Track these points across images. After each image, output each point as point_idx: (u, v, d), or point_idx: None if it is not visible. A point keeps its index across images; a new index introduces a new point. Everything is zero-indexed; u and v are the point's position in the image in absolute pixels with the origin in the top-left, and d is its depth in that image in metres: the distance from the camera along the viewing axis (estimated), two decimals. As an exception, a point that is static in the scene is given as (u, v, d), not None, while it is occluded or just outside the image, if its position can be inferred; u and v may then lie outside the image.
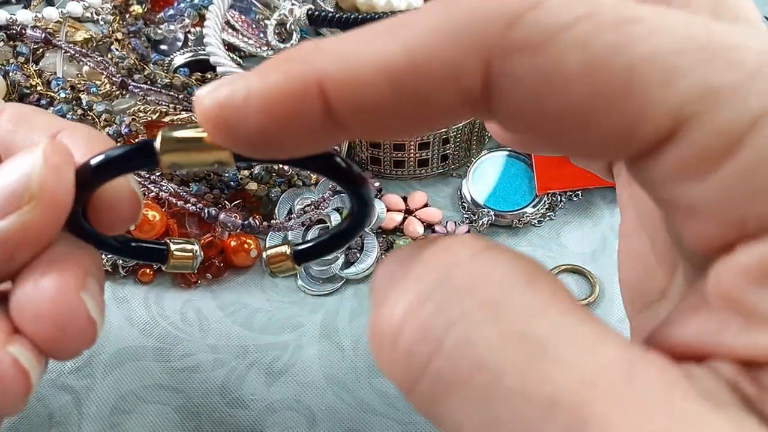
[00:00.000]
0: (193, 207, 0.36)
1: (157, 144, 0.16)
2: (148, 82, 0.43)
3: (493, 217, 0.37)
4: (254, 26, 0.48)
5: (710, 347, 0.12)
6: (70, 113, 0.40)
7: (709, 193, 0.11)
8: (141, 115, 0.40)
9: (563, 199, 0.39)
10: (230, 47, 0.46)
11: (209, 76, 0.45)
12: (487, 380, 0.11)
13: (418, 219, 0.38)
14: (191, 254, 0.24)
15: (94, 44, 0.46)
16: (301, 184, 0.38)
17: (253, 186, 0.37)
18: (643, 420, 0.10)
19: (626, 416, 0.10)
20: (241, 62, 0.46)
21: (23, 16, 0.45)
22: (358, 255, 0.36)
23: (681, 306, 0.13)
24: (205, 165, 0.16)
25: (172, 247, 0.24)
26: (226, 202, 0.37)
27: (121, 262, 0.35)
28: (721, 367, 0.11)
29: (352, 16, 0.44)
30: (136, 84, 0.42)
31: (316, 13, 0.45)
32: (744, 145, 0.11)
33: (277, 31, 0.46)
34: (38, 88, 0.42)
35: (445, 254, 0.13)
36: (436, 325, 0.12)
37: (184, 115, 0.40)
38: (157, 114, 0.40)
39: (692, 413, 0.10)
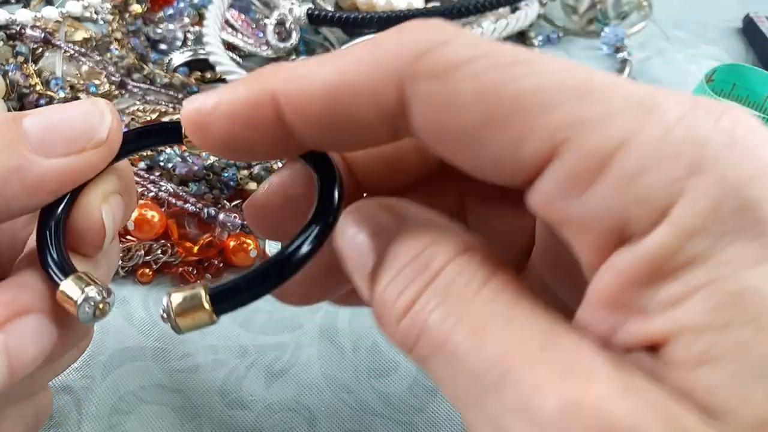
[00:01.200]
0: (193, 207, 0.36)
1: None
2: (148, 82, 0.43)
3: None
4: (254, 25, 0.47)
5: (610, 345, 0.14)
6: (69, 113, 0.40)
7: (586, 207, 0.14)
8: (140, 114, 0.40)
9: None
10: (230, 46, 0.46)
11: (209, 75, 0.45)
12: (449, 351, 0.15)
13: None
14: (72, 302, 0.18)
15: (94, 44, 0.46)
16: (300, 183, 0.38)
17: (252, 186, 0.37)
18: (552, 369, 0.13)
19: (539, 366, 0.14)
20: (241, 61, 0.46)
21: (23, 15, 0.45)
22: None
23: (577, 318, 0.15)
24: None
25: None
26: (226, 202, 0.37)
27: (120, 262, 0.35)
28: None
29: (351, 16, 0.44)
30: (135, 83, 0.42)
31: (316, 12, 0.45)
32: (612, 164, 0.13)
33: (276, 30, 0.46)
34: (37, 87, 0.42)
35: (432, 253, 0.16)
36: (421, 315, 0.15)
37: (183, 114, 0.40)
38: (156, 113, 0.40)
39: (581, 367, 0.13)
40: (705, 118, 0.14)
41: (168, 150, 0.37)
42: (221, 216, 0.35)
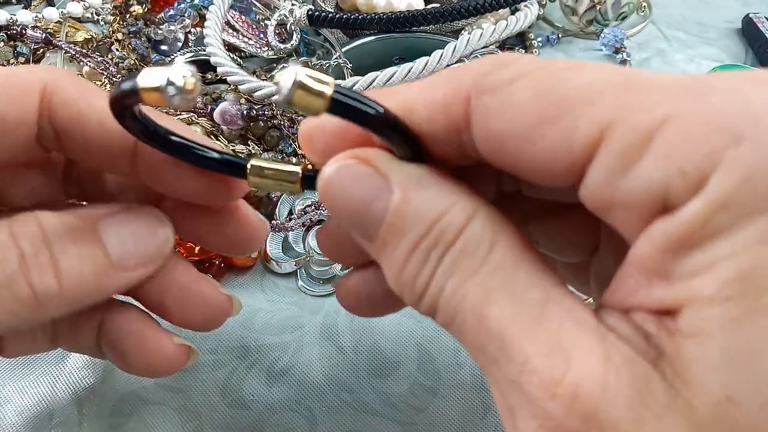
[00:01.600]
0: (194, 207, 0.36)
1: (248, 166, 0.21)
2: (149, 83, 0.43)
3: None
4: (254, 26, 0.48)
5: (630, 303, 0.15)
6: (70, 114, 0.40)
7: (632, 183, 0.15)
8: (141, 115, 0.40)
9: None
10: (230, 47, 0.46)
11: (210, 76, 0.45)
12: (460, 321, 0.17)
13: None
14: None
15: (95, 44, 0.46)
16: (301, 184, 0.38)
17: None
18: (540, 343, 0.15)
19: (529, 340, 0.15)
20: (242, 62, 0.46)
21: (24, 16, 0.45)
22: (358, 255, 0.36)
23: (615, 277, 0.16)
24: (279, 191, 0.22)
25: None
26: (227, 203, 0.37)
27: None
28: (636, 315, 0.15)
29: (352, 17, 0.44)
30: (136, 84, 0.42)
31: (316, 13, 0.45)
32: (655, 139, 0.14)
33: (277, 31, 0.46)
34: (38, 88, 0.42)
35: (445, 220, 0.17)
36: (438, 289, 0.17)
37: (184, 115, 0.40)
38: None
39: (569, 339, 0.15)
40: (756, 90, 0.14)
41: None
42: (222, 216, 0.35)
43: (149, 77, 0.17)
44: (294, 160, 0.39)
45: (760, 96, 0.14)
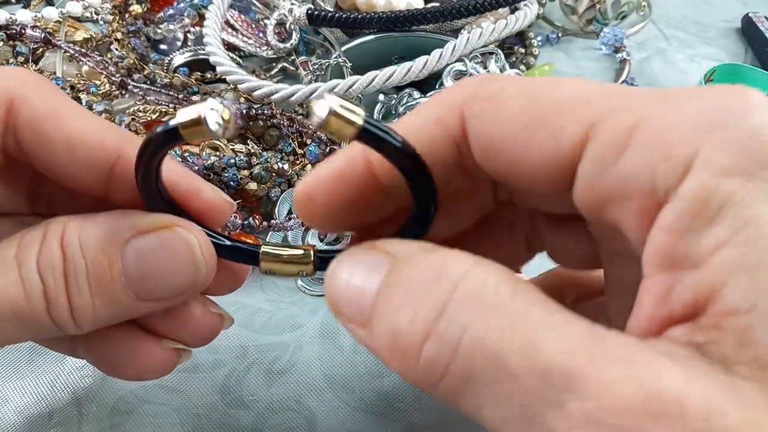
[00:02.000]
0: (193, 207, 0.35)
1: (260, 252, 0.23)
2: (148, 82, 0.43)
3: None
4: (254, 26, 0.47)
5: (667, 315, 0.14)
6: (69, 113, 0.40)
7: (621, 172, 0.15)
8: (140, 114, 0.40)
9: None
10: (230, 47, 0.46)
11: (209, 75, 0.45)
12: (497, 367, 0.14)
13: None
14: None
15: (94, 44, 0.46)
16: (300, 184, 0.38)
17: (253, 186, 0.37)
18: (619, 374, 0.13)
19: (599, 369, 0.13)
20: (241, 62, 0.46)
21: (23, 15, 0.45)
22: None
23: (638, 302, 0.16)
24: (292, 274, 0.23)
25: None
26: (226, 202, 0.37)
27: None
28: (675, 330, 0.14)
29: (351, 16, 0.44)
30: (135, 84, 0.42)
31: (316, 12, 0.45)
32: (637, 132, 0.15)
33: (276, 30, 0.46)
34: (38, 87, 0.42)
35: (444, 268, 0.16)
36: (451, 333, 0.15)
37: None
38: (157, 114, 0.40)
39: (644, 359, 0.13)
40: (722, 93, 0.15)
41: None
42: (221, 216, 0.35)
43: (185, 114, 0.17)
44: (292, 158, 0.39)
45: (730, 94, 0.15)
